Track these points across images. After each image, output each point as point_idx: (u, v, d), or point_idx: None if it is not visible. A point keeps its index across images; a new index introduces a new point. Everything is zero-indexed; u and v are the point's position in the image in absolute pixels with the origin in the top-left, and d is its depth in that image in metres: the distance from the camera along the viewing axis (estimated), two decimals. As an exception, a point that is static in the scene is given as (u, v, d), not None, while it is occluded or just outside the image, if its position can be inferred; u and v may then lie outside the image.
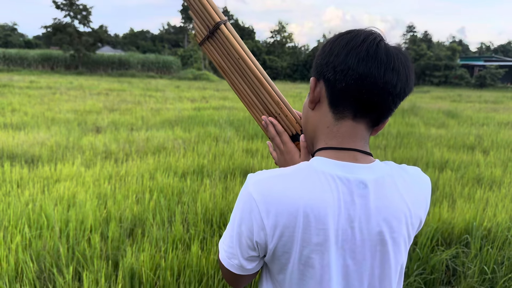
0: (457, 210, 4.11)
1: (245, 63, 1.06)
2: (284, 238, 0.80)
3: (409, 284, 2.88)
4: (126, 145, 6.73)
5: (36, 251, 2.91)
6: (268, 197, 0.80)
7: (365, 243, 0.83)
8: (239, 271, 0.89)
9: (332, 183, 0.80)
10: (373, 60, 0.78)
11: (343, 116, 0.84)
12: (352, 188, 0.81)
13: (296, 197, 0.79)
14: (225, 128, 8.71)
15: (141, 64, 39.44)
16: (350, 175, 0.81)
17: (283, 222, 0.79)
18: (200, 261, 2.83)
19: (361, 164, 0.84)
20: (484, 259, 3.09)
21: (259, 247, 0.84)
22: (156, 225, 3.45)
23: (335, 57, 0.81)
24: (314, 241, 0.80)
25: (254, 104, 1.10)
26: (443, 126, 10.92)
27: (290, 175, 0.82)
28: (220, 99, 16.13)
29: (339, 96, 0.82)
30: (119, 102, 13.49)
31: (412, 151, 7.13)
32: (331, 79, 0.82)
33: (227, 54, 1.08)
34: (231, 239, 0.86)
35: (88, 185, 4.43)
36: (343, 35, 0.83)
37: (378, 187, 0.83)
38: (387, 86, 0.79)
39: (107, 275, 2.69)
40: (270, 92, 1.07)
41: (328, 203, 0.79)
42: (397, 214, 0.84)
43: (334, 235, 0.80)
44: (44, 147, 6.31)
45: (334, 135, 0.86)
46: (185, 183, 4.71)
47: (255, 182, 0.83)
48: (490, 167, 6.24)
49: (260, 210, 0.80)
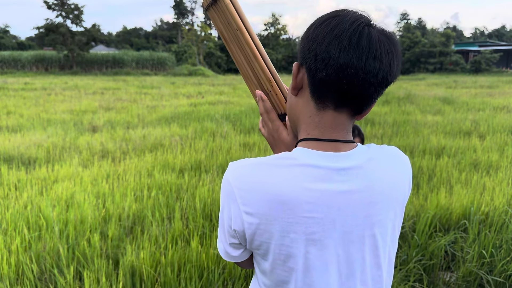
0: (454, 195, 4.13)
1: (242, 34, 1.05)
2: (261, 227, 0.80)
3: (409, 271, 2.90)
4: (123, 144, 6.72)
5: (36, 252, 2.92)
6: (246, 184, 0.80)
7: (352, 230, 0.82)
8: (226, 257, 0.91)
9: (313, 173, 0.80)
10: (354, 49, 0.76)
11: (324, 106, 0.83)
12: (334, 177, 0.80)
13: (275, 187, 0.78)
14: (222, 123, 8.71)
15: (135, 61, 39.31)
16: (332, 164, 0.81)
17: (261, 211, 0.79)
18: (200, 256, 2.84)
19: (343, 153, 0.83)
20: (482, 243, 3.11)
21: (238, 235, 0.84)
22: (155, 222, 3.46)
23: (318, 45, 0.78)
24: (293, 230, 0.79)
25: (250, 77, 1.10)
26: (439, 112, 10.94)
27: (270, 165, 0.81)
28: (216, 94, 16.11)
29: (320, 85, 0.80)
30: (115, 101, 13.46)
31: (409, 139, 7.15)
32: (312, 67, 0.80)
33: (228, 24, 1.07)
34: (220, 225, 0.89)
35: (86, 185, 4.43)
36: (328, 20, 0.80)
37: (360, 173, 0.82)
38: (368, 76, 0.77)
39: (107, 273, 2.70)
40: (263, 67, 1.06)
41: (308, 193, 0.79)
42: (382, 197, 0.84)
43: (317, 223, 0.80)
44: (41, 148, 6.30)
45: (316, 125, 0.85)
46: (183, 180, 4.71)
47: (234, 169, 0.83)
48: (487, 152, 6.26)
49: (237, 197, 0.80)
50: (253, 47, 1.06)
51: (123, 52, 41.18)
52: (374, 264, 0.87)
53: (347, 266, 0.85)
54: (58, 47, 37.34)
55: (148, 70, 38.21)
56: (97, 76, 32.14)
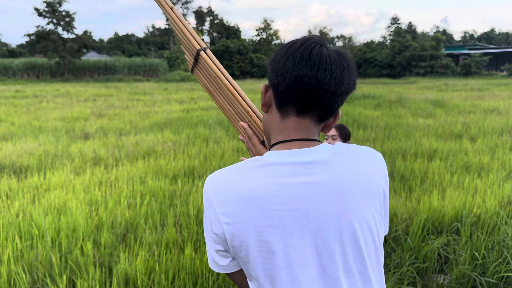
0: (447, 198, 4.16)
1: (220, 80, 1.20)
2: (238, 225, 0.85)
3: (402, 274, 2.91)
4: (116, 151, 6.69)
5: (28, 262, 2.89)
6: (218, 187, 0.88)
7: (327, 220, 0.85)
8: (215, 267, 0.95)
9: (279, 170, 0.86)
10: (306, 62, 0.86)
11: (287, 114, 0.92)
12: (300, 170, 0.86)
13: (245, 186, 0.85)
14: (215, 129, 8.71)
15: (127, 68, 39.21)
16: (296, 159, 0.87)
17: (235, 210, 0.85)
18: (194, 263, 2.83)
19: (307, 148, 0.90)
20: (474, 245, 3.13)
21: (220, 239, 0.89)
22: (148, 229, 3.44)
23: (277, 64, 0.90)
24: (267, 224, 0.84)
25: (234, 116, 1.24)
26: (431, 116, 11.02)
27: (241, 168, 0.89)
28: (208, 100, 16.10)
29: (282, 96, 0.91)
30: (107, 108, 13.41)
31: (401, 142, 7.19)
32: (275, 82, 0.91)
33: (209, 75, 1.24)
34: (205, 234, 0.94)
35: (79, 193, 4.40)
36: (286, 44, 0.92)
37: (326, 165, 0.87)
38: (321, 84, 0.86)
39: (101, 282, 2.68)
40: (242, 102, 1.19)
41: (276, 187, 0.84)
42: (352, 186, 0.87)
43: (290, 215, 0.84)
44: (33, 156, 6.25)
45: (281, 131, 0.93)
46: (176, 186, 4.70)
47: (210, 177, 0.91)
48: (478, 154, 6.32)
49: (213, 201, 0.87)
50: (229, 86, 1.20)
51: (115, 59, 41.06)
52: (356, 255, 0.88)
53: (328, 257, 0.86)
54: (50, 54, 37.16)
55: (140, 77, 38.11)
56: (89, 83, 32.01)
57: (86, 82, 33.09)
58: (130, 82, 33.58)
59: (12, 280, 2.71)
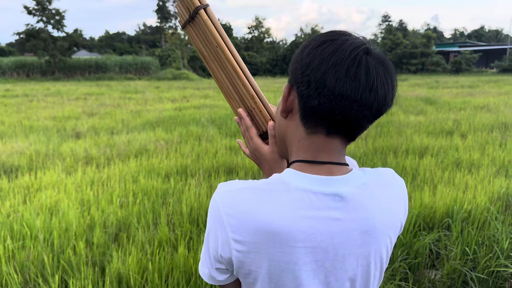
0: (438, 194, 4.20)
1: (222, 52, 1.02)
2: (251, 256, 0.75)
3: (394, 270, 2.94)
4: (107, 150, 6.66)
5: (20, 262, 2.87)
6: (235, 211, 0.75)
7: (345, 260, 0.79)
8: (211, 280, 0.86)
9: (307, 200, 0.75)
10: (351, 81, 0.73)
11: (315, 131, 0.79)
12: (327, 203, 0.76)
13: (266, 216, 0.74)
14: (207, 127, 8.69)
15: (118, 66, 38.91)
16: (325, 189, 0.77)
17: (250, 239, 0.74)
18: (187, 262, 2.83)
19: (337, 177, 0.79)
20: (465, 240, 3.17)
21: (224, 261, 0.80)
22: (141, 228, 3.43)
23: (312, 71, 0.74)
24: (285, 260, 0.75)
25: (231, 94, 1.07)
26: (422, 113, 11.10)
27: (261, 190, 0.76)
28: (201, 98, 16.07)
29: (312, 112, 0.77)
30: (98, 106, 13.33)
31: (392, 139, 7.24)
32: (305, 94, 0.76)
33: (206, 41, 1.05)
34: (204, 248, 0.85)
35: (70, 192, 4.38)
36: (326, 44, 0.75)
37: (355, 199, 0.78)
38: (362, 109, 0.74)
39: (94, 281, 2.68)
40: (246, 84, 1.02)
41: (301, 222, 0.74)
42: (378, 225, 0.80)
43: (310, 252, 0.76)
44: (23, 156, 6.20)
45: (306, 149, 0.81)
46: (169, 184, 4.69)
47: (223, 192, 0.79)
48: (469, 151, 6.38)
49: (225, 224, 0.76)
50: (235, 64, 1.02)
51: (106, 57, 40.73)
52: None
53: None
54: (39, 53, 36.76)
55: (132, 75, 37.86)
56: (79, 81, 31.77)
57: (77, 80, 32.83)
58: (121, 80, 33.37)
59: (4, 280, 2.69)
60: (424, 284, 2.87)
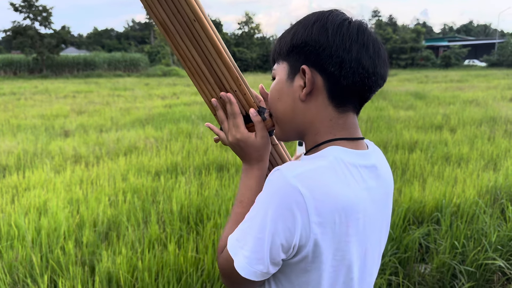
0: (427, 189, 4.23)
1: (202, 28, 0.89)
2: (326, 236, 0.76)
3: (384, 264, 2.95)
4: (96, 148, 6.60)
5: (8, 262, 2.84)
6: (316, 192, 0.74)
7: (375, 225, 0.87)
8: (261, 277, 0.80)
9: (357, 173, 0.81)
10: (377, 57, 0.81)
11: (346, 109, 0.84)
12: (370, 174, 0.84)
13: (340, 192, 0.76)
14: (198, 124, 8.66)
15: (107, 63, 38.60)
16: (366, 162, 0.84)
17: (329, 218, 0.75)
18: (178, 260, 2.82)
19: (368, 151, 0.88)
20: (454, 234, 3.20)
21: (294, 249, 0.77)
22: (131, 226, 3.41)
23: (344, 52, 0.78)
24: (349, 233, 0.79)
25: (202, 74, 0.95)
26: (411, 107, 11.17)
27: (330, 169, 0.78)
28: (191, 95, 16.00)
29: (343, 91, 0.81)
30: (87, 104, 13.21)
31: (382, 134, 7.28)
32: (336, 73, 0.79)
33: (177, 13, 0.89)
34: (259, 241, 0.76)
35: (59, 191, 4.34)
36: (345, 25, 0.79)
37: (380, 168, 0.88)
38: (382, 82, 0.84)
39: (83, 280, 2.65)
40: (229, 65, 0.93)
41: (359, 194, 0.80)
42: (390, 190, 0.92)
43: (363, 222, 0.81)
44: (11, 155, 6.12)
45: (341, 127, 0.85)
46: (159, 182, 4.67)
47: (299, 175, 0.75)
48: (458, 145, 6.44)
49: (308, 207, 0.73)
50: (217, 43, 0.91)
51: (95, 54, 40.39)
52: (378, 255, 0.92)
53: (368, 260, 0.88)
54: (27, 50, 36.31)
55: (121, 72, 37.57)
56: (68, 79, 31.44)
57: (65, 78, 32.50)
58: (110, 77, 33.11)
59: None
60: (414, 278, 2.89)
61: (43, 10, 37.10)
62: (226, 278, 0.84)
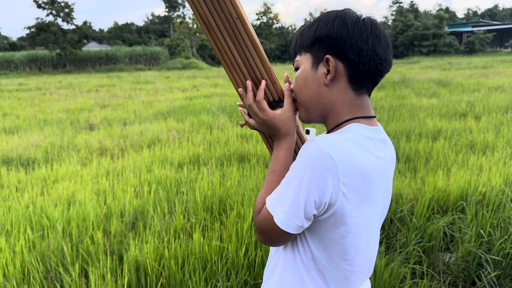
0: (452, 177, 4.17)
1: (243, 25, 1.01)
2: (351, 196, 0.91)
3: (408, 253, 2.95)
4: (121, 140, 6.73)
5: (41, 252, 2.95)
6: (345, 158, 0.89)
7: (388, 190, 1.07)
8: (296, 230, 0.95)
9: (374, 145, 0.97)
10: (387, 47, 0.98)
11: (363, 92, 1.01)
12: (381, 146, 1.00)
13: (362, 159, 0.92)
14: (218, 116, 8.72)
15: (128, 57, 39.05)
16: (379, 136, 1.01)
17: (354, 181, 0.91)
18: (202, 248, 2.88)
19: (379, 127, 1.04)
20: (480, 223, 3.16)
21: (324, 206, 0.92)
22: (157, 216, 3.49)
23: (363, 42, 0.94)
24: (368, 193, 0.95)
25: (236, 66, 1.07)
26: (435, 95, 10.97)
27: (355, 141, 0.94)
28: (211, 87, 16.08)
29: (361, 75, 0.98)
30: (110, 98, 13.43)
31: (405, 123, 7.18)
32: (356, 60, 0.96)
33: (221, 10, 0.99)
34: (295, 199, 0.91)
35: (87, 183, 4.46)
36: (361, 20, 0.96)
37: (387, 143, 1.05)
38: (389, 68, 1.02)
39: (112, 269, 2.74)
40: (263, 58, 1.05)
41: (375, 161, 0.96)
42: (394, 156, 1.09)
43: (377, 187, 0.97)
44: (39, 148, 6.31)
45: (359, 107, 1.01)
46: (182, 173, 4.74)
47: (331, 144, 0.90)
48: (483, 133, 6.31)
49: (338, 170, 0.88)
50: (255, 37, 1.03)
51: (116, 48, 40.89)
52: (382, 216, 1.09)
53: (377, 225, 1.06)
54: (50, 46, 37.07)
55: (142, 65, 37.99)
56: (90, 73, 31.98)
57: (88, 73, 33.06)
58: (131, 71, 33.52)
59: (26, 270, 2.77)
60: (438, 267, 2.88)
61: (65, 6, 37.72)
62: (264, 235, 0.99)
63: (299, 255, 1.02)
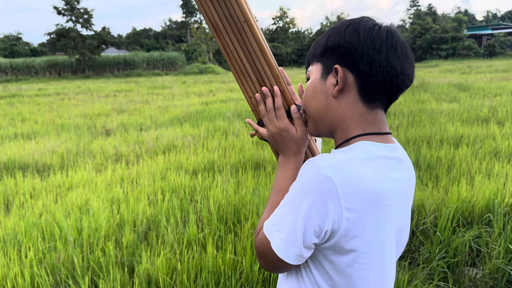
0: (476, 187, 3.99)
1: (250, 29, 0.97)
2: (357, 221, 0.82)
3: (432, 269, 2.80)
4: (136, 146, 6.71)
5: (51, 263, 2.89)
6: (348, 180, 0.80)
7: (405, 213, 0.95)
8: (296, 261, 0.86)
9: (387, 164, 0.88)
10: (405, 59, 0.88)
11: (375, 106, 0.91)
12: (396, 166, 0.90)
13: (370, 181, 0.82)
14: (233, 121, 8.64)
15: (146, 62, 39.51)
16: (393, 155, 0.91)
17: (360, 205, 0.81)
18: (216, 262, 2.78)
19: (394, 144, 0.94)
20: (508, 237, 2.99)
21: (326, 235, 0.83)
22: (170, 226, 3.41)
23: (375, 52, 0.86)
24: (381, 219, 0.85)
25: (246, 73, 1.03)
26: (455, 100, 10.70)
27: (361, 160, 0.85)
28: (227, 91, 16.05)
29: (373, 88, 0.89)
30: (127, 103, 13.51)
31: (425, 129, 6.98)
32: (367, 72, 0.87)
33: (228, 14, 0.97)
34: (294, 226, 0.83)
35: (100, 190, 4.41)
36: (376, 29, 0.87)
37: (406, 162, 0.95)
38: (409, 82, 0.91)
39: (123, 282, 2.66)
40: (271, 64, 1.01)
41: (388, 183, 0.86)
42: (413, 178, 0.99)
43: (392, 210, 0.87)
44: (55, 154, 6.32)
45: (370, 123, 0.91)
46: (196, 181, 4.66)
47: (331, 165, 0.82)
48: (507, 139, 6.07)
49: (339, 194, 0.80)
50: (262, 43, 0.99)
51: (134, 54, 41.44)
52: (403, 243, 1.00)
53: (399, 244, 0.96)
54: (70, 52, 37.76)
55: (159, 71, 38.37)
56: (109, 78, 32.37)
57: (106, 78, 33.49)
58: (149, 76, 33.82)
59: (36, 282, 2.72)
60: (464, 284, 2.72)
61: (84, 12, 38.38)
62: (263, 260, 0.91)
63: (304, 285, 0.93)
